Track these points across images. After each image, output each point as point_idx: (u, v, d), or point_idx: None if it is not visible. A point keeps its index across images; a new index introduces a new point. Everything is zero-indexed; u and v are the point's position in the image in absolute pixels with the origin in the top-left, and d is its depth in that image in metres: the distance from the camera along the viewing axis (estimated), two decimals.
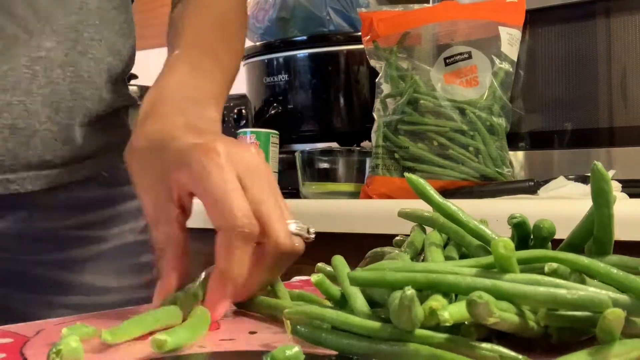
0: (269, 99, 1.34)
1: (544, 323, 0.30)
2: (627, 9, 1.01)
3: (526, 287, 0.29)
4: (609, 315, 0.26)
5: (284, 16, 1.35)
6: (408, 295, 0.27)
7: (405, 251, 0.42)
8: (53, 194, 0.65)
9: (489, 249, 0.37)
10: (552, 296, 0.28)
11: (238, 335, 0.37)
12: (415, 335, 0.28)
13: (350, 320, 0.30)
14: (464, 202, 0.89)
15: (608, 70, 1.03)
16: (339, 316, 0.31)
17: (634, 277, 0.30)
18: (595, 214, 0.35)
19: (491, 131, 1.04)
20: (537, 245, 0.38)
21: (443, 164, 1.03)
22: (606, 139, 1.03)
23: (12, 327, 0.39)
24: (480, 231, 0.39)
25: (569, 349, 0.28)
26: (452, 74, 1.06)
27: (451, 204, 0.40)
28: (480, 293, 0.27)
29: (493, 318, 0.27)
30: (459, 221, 0.40)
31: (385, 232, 0.92)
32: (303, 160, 1.19)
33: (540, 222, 0.38)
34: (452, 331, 0.29)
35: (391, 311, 0.28)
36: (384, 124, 1.08)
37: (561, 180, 0.93)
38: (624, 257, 0.36)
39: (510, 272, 0.32)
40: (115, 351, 0.33)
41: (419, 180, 0.41)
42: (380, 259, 0.43)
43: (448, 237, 0.42)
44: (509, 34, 1.06)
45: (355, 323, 0.30)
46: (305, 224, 0.47)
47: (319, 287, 0.37)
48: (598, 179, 0.34)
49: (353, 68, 1.29)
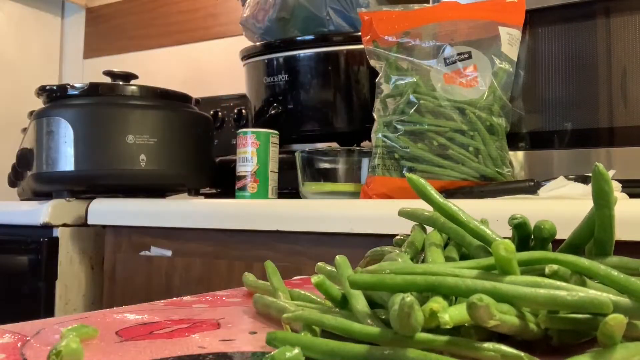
0: (269, 99, 1.34)
1: (545, 325, 0.30)
2: (627, 9, 1.01)
3: (526, 289, 0.29)
4: (611, 321, 0.26)
5: (284, 16, 1.35)
6: (407, 302, 0.27)
7: (405, 251, 0.41)
8: None
9: (489, 249, 0.37)
10: (553, 298, 0.28)
11: (238, 335, 0.37)
12: (416, 340, 0.28)
13: (351, 328, 0.30)
14: (464, 202, 0.89)
15: (608, 70, 1.03)
16: (339, 323, 0.31)
17: (634, 280, 0.30)
18: (596, 214, 0.35)
19: (491, 131, 1.04)
20: (538, 246, 0.38)
21: (443, 164, 1.03)
22: (606, 139, 1.03)
23: (12, 327, 0.39)
24: (480, 232, 0.39)
25: (569, 351, 0.28)
26: (452, 74, 1.06)
27: (452, 204, 0.40)
28: (480, 296, 0.27)
29: (493, 320, 0.28)
30: (459, 221, 0.40)
31: (385, 232, 0.92)
32: (303, 160, 1.19)
33: (540, 223, 0.38)
34: (452, 333, 0.29)
35: (391, 316, 0.28)
36: (384, 124, 1.08)
37: (561, 180, 0.93)
38: (624, 258, 0.36)
39: (511, 274, 0.32)
40: (115, 351, 0.33)
41: (420, 179, 0.41)
42: (380, 258, 0.43)
43: (448, 237, 0.42)
44: (509, 34, 1.06)
45: (356, 330, 0.30)
46: None
47: (319, 288, 0.37)
48: (599, 180, 0.34)
49: (353, 68, 1.29)
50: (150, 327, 0.39)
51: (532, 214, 0.41)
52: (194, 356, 0.32)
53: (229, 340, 0.36)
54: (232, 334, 0.37)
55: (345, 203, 1.00)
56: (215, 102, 1.75)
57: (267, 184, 1.20)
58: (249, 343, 0.35)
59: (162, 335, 0.37)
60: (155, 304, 0.49)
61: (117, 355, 0.32)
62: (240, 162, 1.21)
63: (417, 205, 0.45)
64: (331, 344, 0.29)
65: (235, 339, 0.36)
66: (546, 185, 0.94)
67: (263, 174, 1.20)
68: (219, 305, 0.48)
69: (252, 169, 1.19)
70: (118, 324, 0.40)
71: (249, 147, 1.20)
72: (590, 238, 0.37)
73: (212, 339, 0.36)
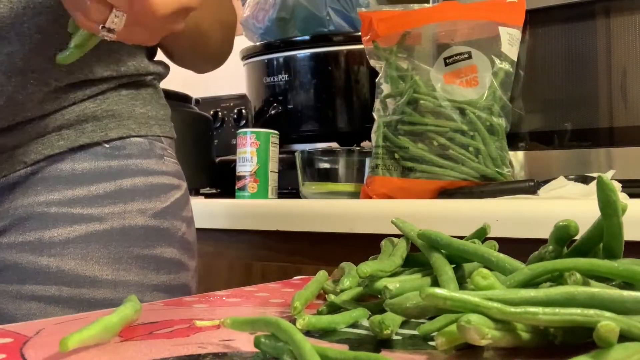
0: (269, 99, 1.34)
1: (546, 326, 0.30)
2: (627, 9, 1.01)
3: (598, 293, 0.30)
4: (602, 328, 0.27)
5: (284, 16, 1.35)
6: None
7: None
8: (37, 163, 0.58)
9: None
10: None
11: (238, 335, 0.37)
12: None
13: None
14: (464, 202, 0.89)
15: (608, 70, 1.03)
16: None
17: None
18: (604, 223, 0.36)
19: (491, 131, 1.04)
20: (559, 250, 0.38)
21: (443, 164, 1.03)
22: (606, 139, 1.03)
23: (12, 327, 0.39)
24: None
25: (571, 352, 0.28)
26: (452, 74, 1.06)
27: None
28: (468, 317, 0.28)
29: (485, 339, 0.28)
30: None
31: (385, 232, 0.92)
32: (303, 160, 1.19)
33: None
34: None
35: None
36: (384, 124, 1.08)
37: (561, 180, 0.93)
38: (636, 260, 0.36)
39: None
40: (115, 351, 0.33)
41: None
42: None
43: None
44: (509, 34, 1.06)
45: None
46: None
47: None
48: (604, 190, 0.34)
49: (353, 68, 1.29)
50: (150, 327, 0.39)
51: (532, 214, 0.41)
52: (194, 356, 0.32)
53: (229, 340, 0.36)
54: (232, 334, 0.37)
55: (345, 203, 1.00)
56: (215, 102, 1.75)
57: (267, 184, 1.20)
58: (249, 343, 0.35)
59: (162, 335, 0.37)
60: (156, 304, 0.49)
61: (117, 355, 0.32)
62: (240, 162, 1.21)
63: (416, 205, 0.45)
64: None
65: (235, 339, 0.36)
66: (546, 185, 0.94)
67: (263, 174, 1.19)
68: (219, 305, 0.48)
69: (252, 169, 1.19)
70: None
71: (249, 147, 1.20)
72: (597, 244, 0.37)
73: (212, 339, 0.36)
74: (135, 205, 0.61)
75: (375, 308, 0.40)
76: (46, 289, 0.56)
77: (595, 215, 0.37)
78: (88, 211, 0.59)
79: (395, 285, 0.37)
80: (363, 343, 0.35)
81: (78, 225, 0.58)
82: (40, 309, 0.56)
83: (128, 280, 0.60)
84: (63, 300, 0.56)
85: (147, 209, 0.62)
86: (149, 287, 0.61)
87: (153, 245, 0.62)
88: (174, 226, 0.65)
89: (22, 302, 0.56)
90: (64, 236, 0.57)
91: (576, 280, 0.32)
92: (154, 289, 0.62)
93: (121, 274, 0.59)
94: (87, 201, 0.59)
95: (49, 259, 0.57)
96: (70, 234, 0.58)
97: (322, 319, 0.37)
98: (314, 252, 1.03)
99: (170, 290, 0.64)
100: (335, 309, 0.41)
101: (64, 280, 0.57)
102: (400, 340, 0.36)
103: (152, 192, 0.62)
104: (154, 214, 0.62)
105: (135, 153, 0.62)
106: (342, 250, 0.97)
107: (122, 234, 0.60)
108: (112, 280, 0.59)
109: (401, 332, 0.37)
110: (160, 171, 0.65)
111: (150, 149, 0.65)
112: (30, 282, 0.56)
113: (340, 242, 0.99)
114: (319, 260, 1.01)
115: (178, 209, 0.66)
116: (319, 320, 0.36)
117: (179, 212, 0.66)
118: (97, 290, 0.58)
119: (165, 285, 0.63)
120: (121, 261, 0.59)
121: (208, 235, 1.13)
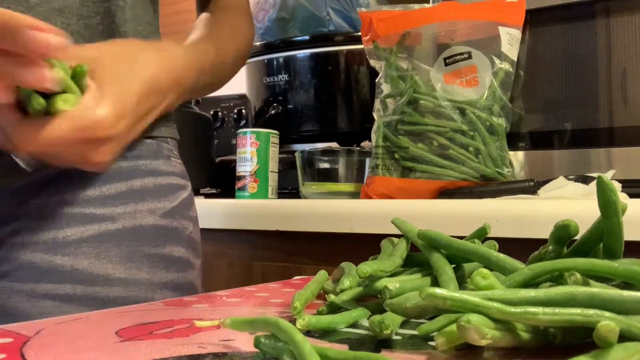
0: (269, 99, 1.34)
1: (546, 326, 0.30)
2: (627, 9, 1.01)
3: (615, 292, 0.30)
4: (601, 328, 0.27)
5: (284, 16, 1.35)
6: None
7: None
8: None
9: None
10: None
11: (238, 335, 0.37)
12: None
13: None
14: (464, 202, 0.89)
15: (608, 70, 1.03)
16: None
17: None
18: (604, 223, 0.36)
19: (491, 131, 1.04)
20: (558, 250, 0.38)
21: (443, 164, 1.03)
22: (606, 139, 1.03)
23: (12, 327, 0.39)
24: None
25: (571, 352, 0.28)
26: (452, 74, 1.06)
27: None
28: (467, 317, 0.28)
29: (485, 340, 0.28)
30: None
31: (385, 232, 0.92)
32: (303, 160, 1.19)
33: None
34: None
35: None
36: (384, 124, 1.08)
37: (561, 180, 0.93)
38: (635, 260, 0.36)
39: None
40: (115, 351, 0.33)
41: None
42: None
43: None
44: (509, 34, 1.06)
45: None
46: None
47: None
48: (604, 190, 0.34)
49: (353, 68, 1.29)
50: (150, 327, 0.39)
51: (532, 214, 0.41)
52: (194, 356, 0.32)
53: (229, 340, 0.36)
54: (232, 334, 0.37)
55: (345, 203, 1.00)
56: (215, 102, 1.75)
57: (267, 184, 1.20)
58: (249, 343, 0.35)
59: (162, 335, 0.37)
60: (155, 304, 0.49)
61: (117, 355, 0.32)
62: (240, 162, 1.21)
63: (417, 205, 0.45)
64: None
65: (235, 339, 0.36)
66: (546, 185, 0.94)
67: (263, 174, 1.19)
68: (219, 305, 0.48)
69: (252, 169, 1.19)
70: (118, 324, 0.40)
71: (249, 147, 1.20)
72: (597, 244, 0.37)
73: (212, 339, 0.36)
74: (146, 205, 0.62)
75: (375, 308, 0.40)
76: (61, 287, 0.57)
77: (595, 215, 0.37)
78: (100, 211, 0.59)
79: (395, 285, 0.37)
80: (363, 343, 0.35)
81: (91, 225, 0.59)
82: (55, 307, 0.57)
83: (139, 279, 0.60)
84: (77, 299, 0.57)
85: (157, 209, 0.63)
86: (159, 285, 0.62)
87: (163, 244, 0.63)
88: (182, 225, 0.66)
89: (37, 301, 0.56)
90: (78, 236, 0.58)
91: (576, 280, 0.32)
92: (163, 286, 0.62)
93: (133, 272, 0.60)
94: (100, 201, 0.60)
95: (63, 258, 0.57)
96: (84, 233, 0.58)
97: (322, 319, 0.37)
98: (314, 252, 1.03)
99: (178, 288, 0.65)
100: (335, 309, 0.41)
101: (78, 278, 0.57)
102: (400, 340, 0.36)
103: (161, 192, 0.63)
104: (163, 213, 0.63)
105: (145, 154, 0.63)
106: (342, 250, 0.97)
107: (133, 233, 0.60)
108: (124, 278, 0.59)
109: (401, 332, 0.37)
110: (168, 172, 0.66)
111: (158, 150, 0.66)
112: (45, 281, 0.57)
113: (340, 242, 0.99)
114: (319, 260, 1.01)
115: (185, 208, 0.67)
116: (319, 320, 0.36)
117: (186, 211, 0.68)
118: (110, 288, 0.58)
119: (174, 283, 0.64)
120: (133, 260, 0.60)
121: (208, 235, 1.13)
